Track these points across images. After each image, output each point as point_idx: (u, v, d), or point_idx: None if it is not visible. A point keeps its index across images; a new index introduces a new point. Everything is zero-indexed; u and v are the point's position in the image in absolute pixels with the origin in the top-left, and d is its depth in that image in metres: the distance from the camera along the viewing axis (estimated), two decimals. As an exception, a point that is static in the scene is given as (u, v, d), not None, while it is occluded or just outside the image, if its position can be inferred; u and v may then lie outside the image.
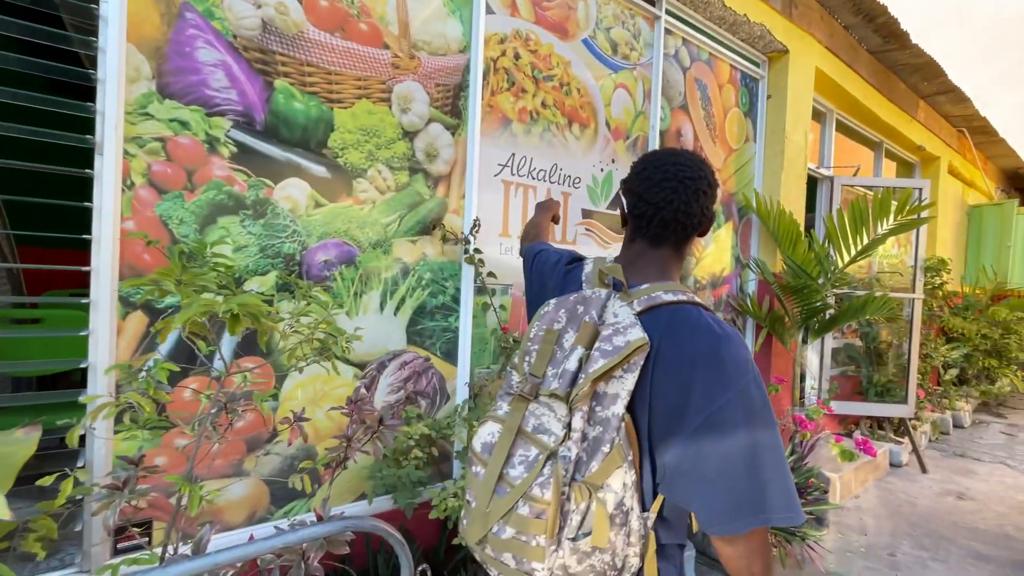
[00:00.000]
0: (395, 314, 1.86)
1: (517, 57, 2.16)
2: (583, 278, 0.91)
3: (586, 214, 2.46)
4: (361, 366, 1.79)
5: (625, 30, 2.57)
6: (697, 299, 0.79)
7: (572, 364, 0.73)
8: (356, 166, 1.75)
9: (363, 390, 1.80)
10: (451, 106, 1.98)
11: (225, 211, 1.50)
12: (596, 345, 0.72)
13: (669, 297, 0.76)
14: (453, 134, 1.98)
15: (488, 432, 0.78)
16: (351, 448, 1.29)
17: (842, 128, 4.58)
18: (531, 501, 0.68)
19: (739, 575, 0.69)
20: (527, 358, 0.81)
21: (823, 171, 4.19)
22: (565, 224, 2.37)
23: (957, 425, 5.06)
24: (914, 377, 4.09)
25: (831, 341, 4.02)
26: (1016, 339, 4.92)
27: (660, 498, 0.74)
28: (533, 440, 0.73)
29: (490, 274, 2.01)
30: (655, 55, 2.71)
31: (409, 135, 1.87)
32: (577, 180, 2.41)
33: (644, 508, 0.74)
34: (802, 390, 3.63)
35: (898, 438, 4.20)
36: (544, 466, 0.69)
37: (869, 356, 4.41)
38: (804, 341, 3.30)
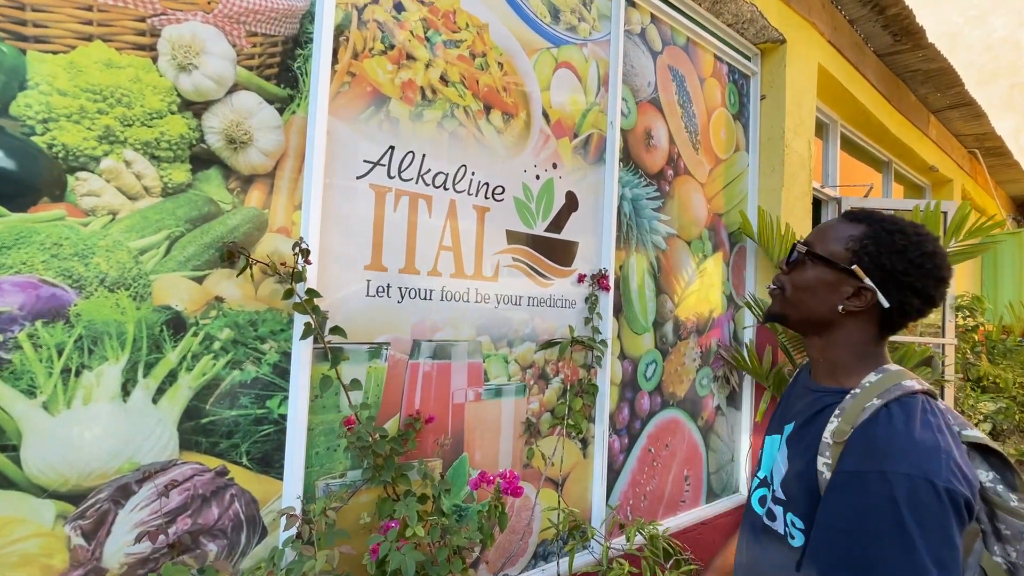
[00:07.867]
0: (155, 402, 1.10)
1: (400, 8, 1.48)
2: None
3: (514, 238, 1.73)
4: (76, 497, 1.02)
5: (571, -6, 1.91)
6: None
7: None
8: (77, 152, 1.03)
9: (78, 539, 1.03)
10: (278, 68, 1.27)
11: None
12: None
13: None
14: (282, 111, 1.27)
15: None
16: None
17: (846, 145, 3.95)
18: None
19: None
20: None
21: (828, 191, 3.53)
22: (480, 253, 1.65)
23: (995, 492, 4.25)
24: (949, 440, 3.31)
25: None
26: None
27: None
28: None
29: (334, 329, 1.26)
30: (613, 30, 2.05)
31: (194, 107, 1.16)
32: (499, 190, 1.69)
33: None
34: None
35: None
36: None
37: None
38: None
